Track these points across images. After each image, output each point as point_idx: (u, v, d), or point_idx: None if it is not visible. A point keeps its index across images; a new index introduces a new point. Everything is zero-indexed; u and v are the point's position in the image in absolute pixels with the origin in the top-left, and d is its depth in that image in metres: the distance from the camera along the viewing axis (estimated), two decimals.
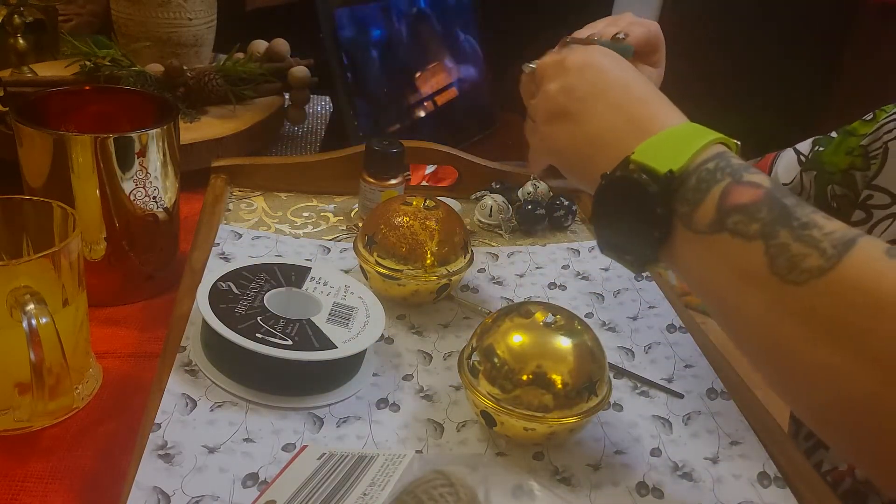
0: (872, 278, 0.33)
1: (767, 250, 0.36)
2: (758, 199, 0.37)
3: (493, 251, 0.73)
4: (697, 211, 0.38)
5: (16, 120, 0.55)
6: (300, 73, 0.92)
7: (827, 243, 0.34)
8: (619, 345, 0.62)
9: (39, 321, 0.43)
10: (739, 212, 0.37)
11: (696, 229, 0.38)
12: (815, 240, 0.35)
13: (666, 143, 0.41)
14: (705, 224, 0.38)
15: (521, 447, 0.50)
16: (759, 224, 0.36)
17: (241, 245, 0.68)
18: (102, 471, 0.46)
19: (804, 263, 0.34)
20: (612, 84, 0.46)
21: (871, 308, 0.32)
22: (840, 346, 0.33)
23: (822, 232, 0.35)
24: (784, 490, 0.49)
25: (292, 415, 0.50)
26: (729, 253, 0.37)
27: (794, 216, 0.36)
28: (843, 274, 0.33)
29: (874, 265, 0.33)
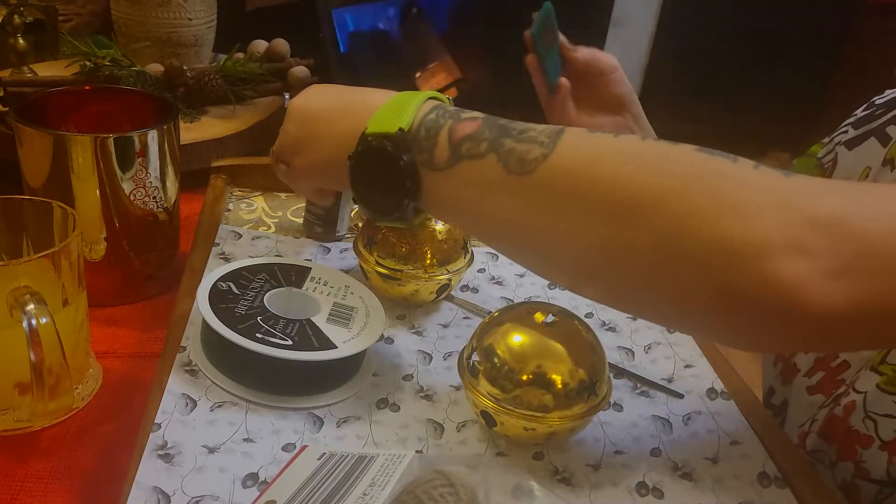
0: (582, 147, 0.40)
1: (500, 159, 0.42)
2: (478, 126, 0.44)
3: (493, 251, 0.73)
4: (434, 153, 0.44)
5: (16, 120, 0.55)
6: (300, 73, 0.92)
7: (543, 136, 0.42)
8: (619, 345, 0.62)
9: (39, 321, 0.43)
10: (468, 140, 0.43)
11: (438, 167, 0.44)
12: (532, 137, 0.42)
13: (388, 111, 0.46)
14: (444, 160, 0.44)
15: (521, 447, 0.50)
16: (487, 142, 0.43)
17: (241, 245, 0.68)
18: (102, 471, 0.46)
19: (529, 156, 0.41)
20: (328, 99, 0.53)
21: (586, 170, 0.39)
22: (574, 209, 0.40)
23: (537, 131, 0.42)
24: (784, 490, 0.49)
25: (292, 415, 0.50)
26: (471, 174, 0.43)
27: (513, 128, 0.43)
28: (560, 152, 0.41)
29: (581, 138, 0.41)
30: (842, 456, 0.55)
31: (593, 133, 0.41)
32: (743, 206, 0.36)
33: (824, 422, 0.57)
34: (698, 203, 0.36)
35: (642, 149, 0.40)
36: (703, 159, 0.39)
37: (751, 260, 0.35)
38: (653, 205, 0.37)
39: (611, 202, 0.39)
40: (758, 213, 0.36)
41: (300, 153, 0.54)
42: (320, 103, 0.53)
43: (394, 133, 0.45)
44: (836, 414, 0.56)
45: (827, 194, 0.37)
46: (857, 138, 0.70)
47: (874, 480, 0.53)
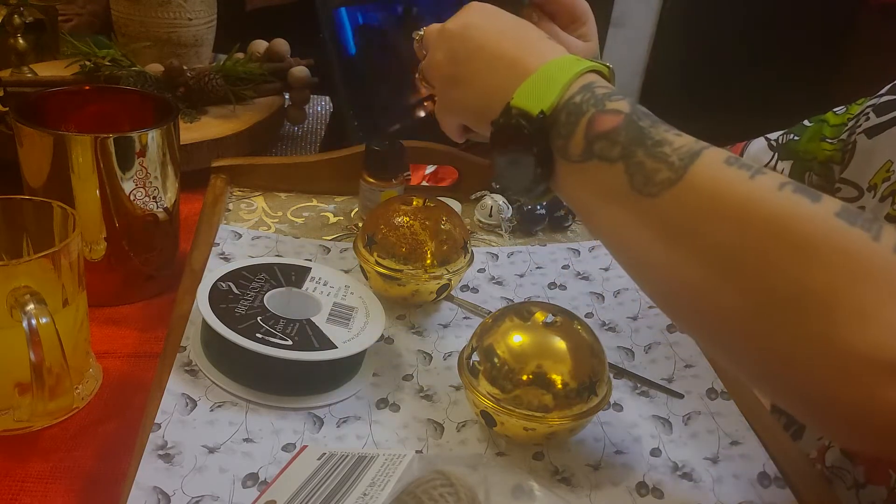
0: (711, 185, 0.37)
1: (627, 170, 0.40)
2: (618, 124, 0.41)
3: (493, 251, 0.73)
4: (570, 142, 0.42)
5: (16, 120, 0.55)
6: (300, 73, 0.92)
7: (675, 157, 0.38)
8: (619, 345, 0.62)
9: (39, 321, 0.43)
10: (603, 138, 0.41)
11: (571, 159, 0.42)
12: (665, 155, 0.39)
13: (539, 82, 0.44)
14: (578, 153, 0.42)
15: (521, 447, 0.50)
16: (620, 147, 0.40)
17: (241, 245, 0.68)
18: (102, 471, 0.46)
19: (657, 177, 0.38)
20: (489, 38, 0.49)
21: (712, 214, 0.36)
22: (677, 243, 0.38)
23: (672, 147, 0.39)
24: (784, 490, 0.49)
25: (292, 415, 0.50)
26: (597, 176, 0.41)
27: (649, 136, 0.40)
28: (689, 183, 0.38)
29: (715, 173, 0.37)
30: (871, 479, 0.53)
31: (731, 164, 0.38)
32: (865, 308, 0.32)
33: None
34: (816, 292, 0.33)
35: (775, 202, 0.35)
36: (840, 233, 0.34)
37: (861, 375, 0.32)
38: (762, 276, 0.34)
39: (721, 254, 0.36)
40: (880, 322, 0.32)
41: (448, 88, 0.51)
42: (479, 39, 0.49)
43: (535, 115, 0.43)
44: None
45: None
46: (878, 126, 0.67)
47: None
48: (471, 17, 0.51)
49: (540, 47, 0.47)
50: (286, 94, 0.95)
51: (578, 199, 0.44)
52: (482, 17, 0.51)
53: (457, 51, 0.50)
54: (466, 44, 0.49)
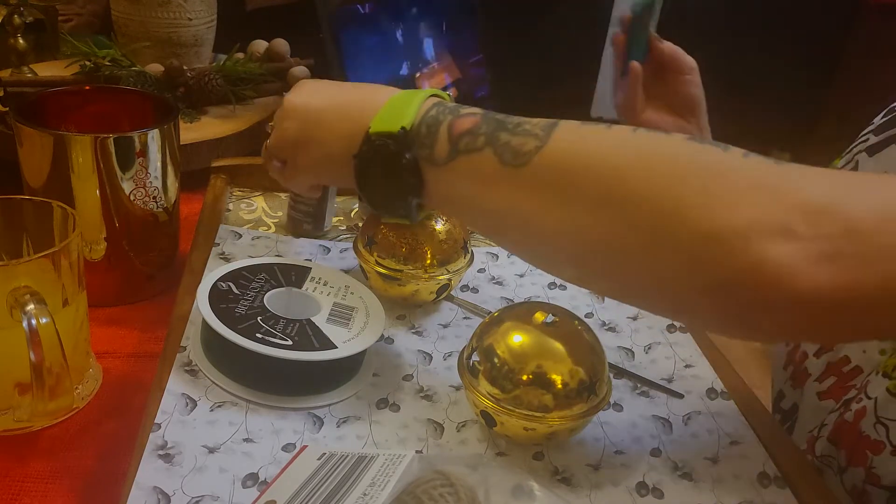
0: (576, 140, 0.41)
1: (495, 151, 0.43)
2: (476, 121, 0.45)
3: (493, 251, 0.73)
4: (434, 149, 0.45)
5: (16, 120, 0.55)
6: (300, 74, 0.92)
7: (537, 129, 0.42)
8: (619, 345, 0.62)
9: (39, 321, 0.43)
10: (466, 135, 0.44)
11: (439, 163, 0.45)
12: (527, 130, 0.43)
13: (391, 110, 0.48)
14: (444, 156, 0.45)
15: (521, 447, 0.50)
16: (484, 136, 0.44)
17: (241, 245, 0.68)
18: (102, 471, 0.46)
19: (524, 148, 0.42)
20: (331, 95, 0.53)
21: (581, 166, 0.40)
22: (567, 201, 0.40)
23: (531, 124, 0.43)
24: (784, 490, 0.49)
25: (292, 415, 0.50)
26: (469, 168, 0.44)
27: (509, 122, 0.44)
28: (553, 144, 0.41)
29: (575, 131, 0.42)
30: (852, 461, 0.54)
31: (587, 124, 0.42)
32: (731, 195, 0.36)
33: (834, 427, 0.57)
34: (687, 194, 0.37)
35: (634, 140, 0.40)
36: (693, 150, 0.39)
37: (738, 246, 0.35)
38: (643, 197, 0.38)
39: (602, 195, 0.39)
40: (745, 199, 0.36)
41: (301, 151, 0.53)
42: (320, 102, 0.53)
43: (396, 132, 0.46)
44: (847, 419, 0.55)
45: (816, 181, 0.37)
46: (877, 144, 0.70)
47: (885, 486, 0.52)
48: (306, 89, 0.55)
49: (379, 89, 0.51)
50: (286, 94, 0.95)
51: (454, 197, 0.46)
52: (317, 85, 0.55)
53: (302, 120, 0.53)
54: (309, 110, 0.53)
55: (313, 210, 0.71)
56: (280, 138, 0.55)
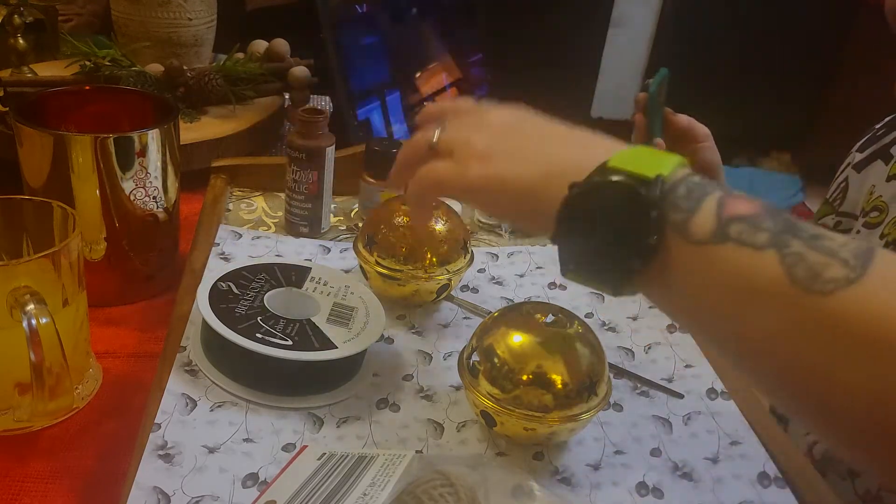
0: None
1: (783, 259, 0.33)
2: (758, 210, 0.34)
3: (493, 251, 0.73)
4: (693, 220, 0.35)
5: (16, 120, 0.55)
6: (300, 73, 0.92)
7: (847, 253, 0.32)
8: (619, 345, 0.62)
9: (39, 321, 0.43)
10: (742, 221, 0.34)
11: (694, 239, 0.35)
12: (831, 249, 0.33)
13: (639, 156, 0.37)
14: (705, 233, 0.34)
15: (521, 447, 0.50)
16: (767, 234, 0.33)
17: (241, 245, 0.68)
18: (102, 471, 0.46)
19: (827, 273, 0.32)
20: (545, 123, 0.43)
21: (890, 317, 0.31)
22: (882, 358, 0.31)
23: (837, 242, 0.33)
24: (784, 490, 0.49)
25: (292, 415, 0.50)
26: (737, 264, 0.34)
27: (800, 227, 0.34)
28: (872, 282, 0.31)
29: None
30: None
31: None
32: None
33: None
34: None
35: None
36: None
37: None
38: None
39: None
40: None
41: (486, 163, 0.41)
42: (539, 121, 0.43)
43: (650, 176, 0.35)
44: None
45: None
46: (864, 160, 0.72)
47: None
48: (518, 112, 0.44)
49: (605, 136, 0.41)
50: (286, 94, 0.95)
51: (697, 288, 0.35)
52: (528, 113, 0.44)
53: (509, 125, 0.43)
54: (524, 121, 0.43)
55: (310, 213, 0.71)
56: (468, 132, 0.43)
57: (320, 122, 0.69)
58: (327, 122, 0.70)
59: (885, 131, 0.72)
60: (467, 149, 0.42)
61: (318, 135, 0.69)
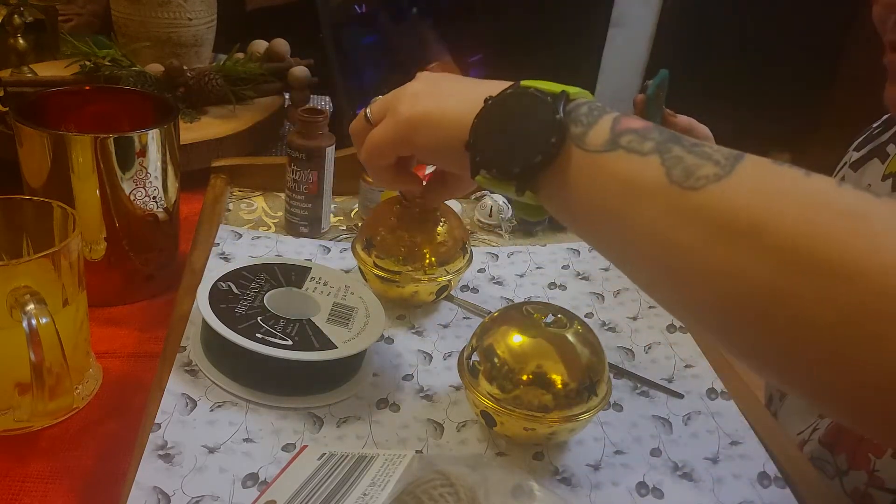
0: (766, 180, 0.35)
1: (663, 162, 0.37)
2: (647, 125, 0.39)
3: (493, 251, 0.73)
4: (590, 132, 0.39)
5: (16, 120, 0.55)
6: (300, 73, 0.92)
7: (719, 155, 0.36)
8: (619, 345, 0.62)
9: (39, 321, 0.43)
10: (633, 133, 0.38)
11: (589, 148, 0.39)
12: (707, 153, 0.37)
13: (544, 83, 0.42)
14: (599, 143, 0.39)
15: (521, 447, 0.50)
16: (653, 142, 0.38)
17: (241, 245, 0.68)
18: (102, 471, 0.46)
19: (700, 171, 0.36)
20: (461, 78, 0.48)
21: (766, 206, 0.34)
22: (736, 244, 0.34)
23: (712, 148, 0.37)
24: (784, 490, 0.49)
25: (292, 415, 0.50)
26: (623, 168, 0.38)
27: (683, 138, 0.38)
28: (738, 179, 0.35)
29: (765, 169, 0.36)
30: (853, 465, 0.54)
31: (779, 165, 0.36)
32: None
33: (828, 431, 0.57)
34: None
35: (837, 198, 0.33)
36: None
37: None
38: (844, 274, 0.31)
39: (787, 252, 0.33)
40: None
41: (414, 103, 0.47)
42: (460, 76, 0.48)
43: (556, 91, 0.41)
44: None
45: None
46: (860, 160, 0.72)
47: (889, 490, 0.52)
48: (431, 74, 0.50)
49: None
50: (286, 94, 0.95)
51: (590, 192, 0.40)
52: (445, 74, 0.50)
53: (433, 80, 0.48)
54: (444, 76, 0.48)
55: (310, 213, 0.71)
56: (395, 95, 0.49)
57: (320, 122, 0.69)
58: (327, 122, 0.70)
59: (881, 130, 0.72)
60: (395, 103, 0.48)
61: (318, 135, 0.69)
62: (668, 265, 0.37)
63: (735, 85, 2.48)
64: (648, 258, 0.38)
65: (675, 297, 0.39)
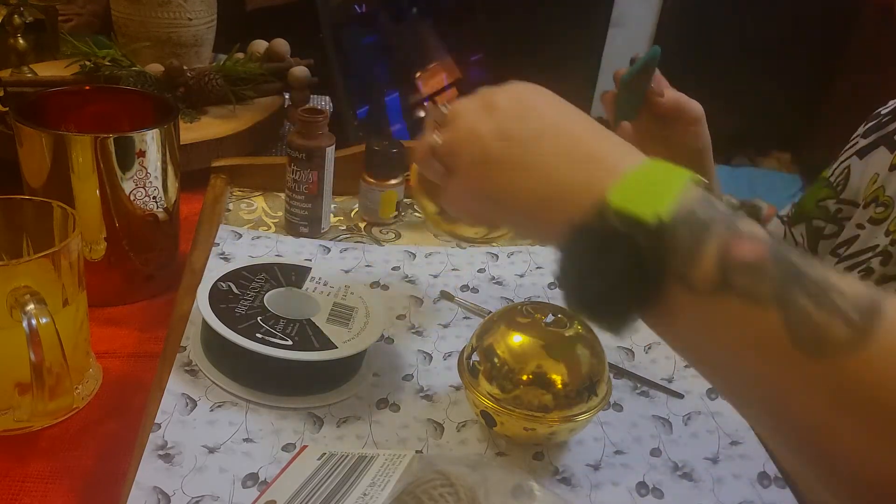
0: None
1: (787, 318, 0.32)
2: (762, 254, 0.33)
3: (493, 251, 0.73)
4: (694, 268, 0.33)
5: (16, 120, 0.55)
6: (300, 73, 0.92)
7: (852, 311, 0.31)
8: (619, 345, 0.62)
9: (39, 321, 0.43)
10: (746, 270, 0.33)
11: (695, 289, 0.33)
12: (836, 306, 0.31)
13: (642, 183, 0.35)
14: (706, 284, 0.33)
15: (521, 447, 0.50)
16: (771, 285, 0.32)
17: (241, 245, 0.68)
18: (102, 471, 0.46)
19: (830, 334, 0.31)
20: (554, 118, 0.40)
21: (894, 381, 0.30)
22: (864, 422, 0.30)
23: (842, 296, 0.32)
24: (784, 490, 0.49)
25: (292, 415, 0.50)
26: (738, 318, 0.32)
27: (806, 275, 0.32)
28: (875, 347, 0.30)
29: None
30: None
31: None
32: None
33: None
34: None
35: None
36: None
37: None
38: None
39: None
40: None
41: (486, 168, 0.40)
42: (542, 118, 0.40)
43: (649, 222, 0.33)
44: None
45: None
46: (867, 147, 0.71)
47: None
48: (524, 92, 0.42)
49: (621, 144, 0.39)
50: (286, 94, 0.95)
51: (698, 337, 0.35)
52: (538, 94, 0.41)
53: (509, 127, 0.40)
54: (525, 122, 0.40)
55: (310, 213, 0.71)
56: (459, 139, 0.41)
57: (320, 122, 0.69)
58: (327, 122, 0.70)
59: (890, 118, 0.70)
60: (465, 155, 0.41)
61: (318, 135, 0.69)
62: (779, 416, 0.34)
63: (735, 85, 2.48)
64: (757, 401, 0.35)
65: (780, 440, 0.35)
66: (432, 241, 0.74)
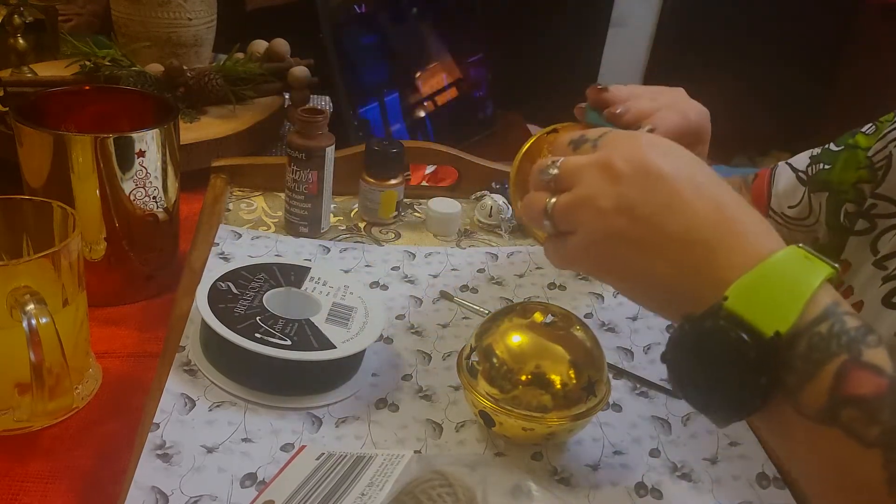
0: None
1: (887, 464, 0.30)
2: (880, 392, 0.31)
3: (492, 251, 0.73)
4: (805, 389, 0.32)
5: (16, 120, 0.56)
6: (300, 73, 0.92)
7: None
8: (619, 345, 0.62)
9: (39, 321, 0.43)
10: (857, 406, 0.31)
11: (802, 411, 0.32)
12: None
13: (767, 284, 0.33)
14: (814, 409, 0.32)
15: (520, 447, 0.50)
16: (880, 428, 0.31)
17: (241, 245, 0.68)
18: (102, 471, 0.46)
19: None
20: (680, 190, 0.37)
21: None
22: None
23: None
24: (783, 490, 0.49)
25: (291, 415, 0.50)
26: (840, 452, 0.32)
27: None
28: None
29: None
30: None
31: None
32: None
33: None
34: None
35: None
36: None
37: None
38: None
39: None
40: None
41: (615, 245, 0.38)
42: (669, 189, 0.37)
43: (765, 337, 0.32)
44: None
45: None
46: None
47: None
48: (648, 155, 0.38)
49: (752, 220, 0.37)
50: (286, 94, 0.95)
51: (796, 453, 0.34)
52: (663, 156, 0.38)
53: (633, 202, 0.37)
54: (650, 194, 0.37)
55: (309, 213, 0.71)
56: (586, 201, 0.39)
57: (320, 122, 0.69)
58: (327, 122, 0.70)
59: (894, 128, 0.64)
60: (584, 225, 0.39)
61: (318, 135, 0.69)
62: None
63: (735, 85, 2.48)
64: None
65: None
66: (432, 242, 0.74)
